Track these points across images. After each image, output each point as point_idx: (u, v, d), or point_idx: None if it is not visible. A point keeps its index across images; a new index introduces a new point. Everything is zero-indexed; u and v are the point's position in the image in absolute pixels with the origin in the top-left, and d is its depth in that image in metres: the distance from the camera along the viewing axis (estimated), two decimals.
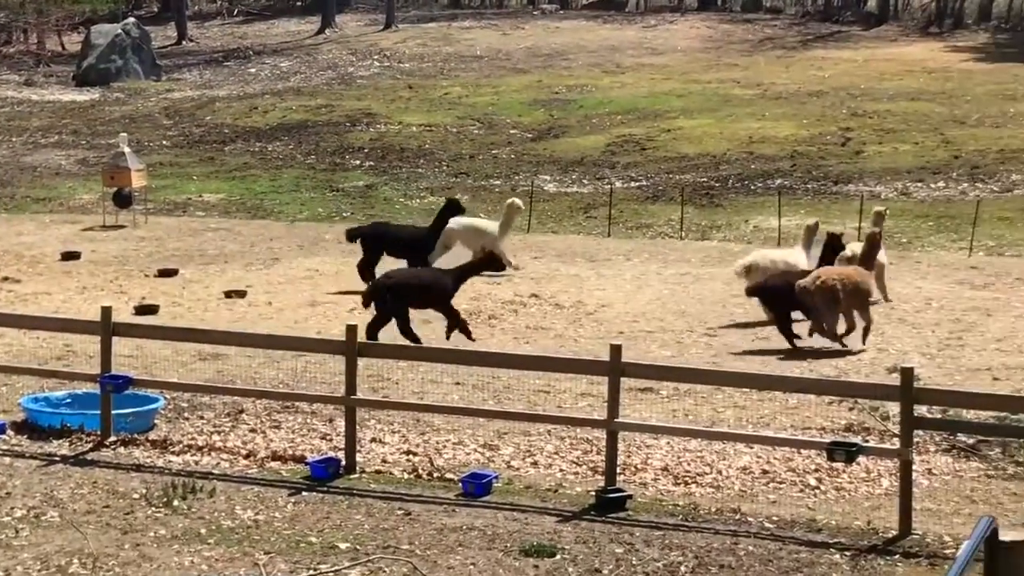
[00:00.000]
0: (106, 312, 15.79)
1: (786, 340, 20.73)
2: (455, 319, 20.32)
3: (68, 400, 16.54)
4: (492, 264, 21.17)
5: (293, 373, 18.09)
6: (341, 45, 64.27)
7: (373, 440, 15.69)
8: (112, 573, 11.75)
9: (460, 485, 14.08)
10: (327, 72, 58.61)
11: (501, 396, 17.30)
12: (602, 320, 22.86)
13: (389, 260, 24.76)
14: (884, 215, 25.32)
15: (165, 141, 46.56)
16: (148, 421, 16.12)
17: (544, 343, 21.07)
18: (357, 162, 42.35)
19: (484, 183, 39.04)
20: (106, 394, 15.53)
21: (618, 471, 14.16)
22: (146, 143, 45.41)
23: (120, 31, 59.08)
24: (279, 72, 59.38)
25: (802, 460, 14.96)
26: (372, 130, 46.71)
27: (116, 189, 33.15)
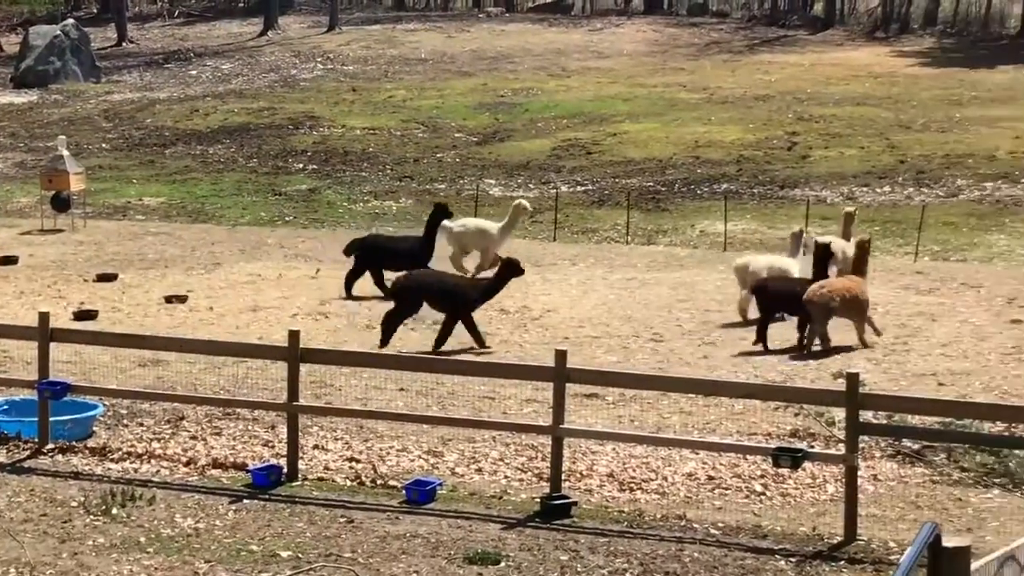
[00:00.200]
0: (44, 317, 15.68)
1: (761, 339, 20.98)
2: (449, 329, 20.73)
3: (5, 407, 16.41)
4: (514, 271, 21.46)
5: (234, 379, 18.03)
6: (284, 47, 64.09)
7: (315, 447, 15.66)
8: None
9: (404, 492, 14.07)
10: (269, 74, 58.43)
11: (445, 402, 17.29)
12: (547, 325, 22.89)
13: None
14: (855, 216, 25.60)
15: (104, 144, 46.28)
16: (87, 428, 16.02)
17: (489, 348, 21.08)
18: (300, 165, 42.23)
19: (429, 187, 39.02)
20: (44, 401, 15.44)
21: (563, 477, 14.19)
22: (85, 146, 45.13)
23: (59, 32, 58.68)
24: (221, 74, 59.15)
25: (748, 466, 15.03)
26: (315, 133, 46.60)
27: (54, 192, 32.91)
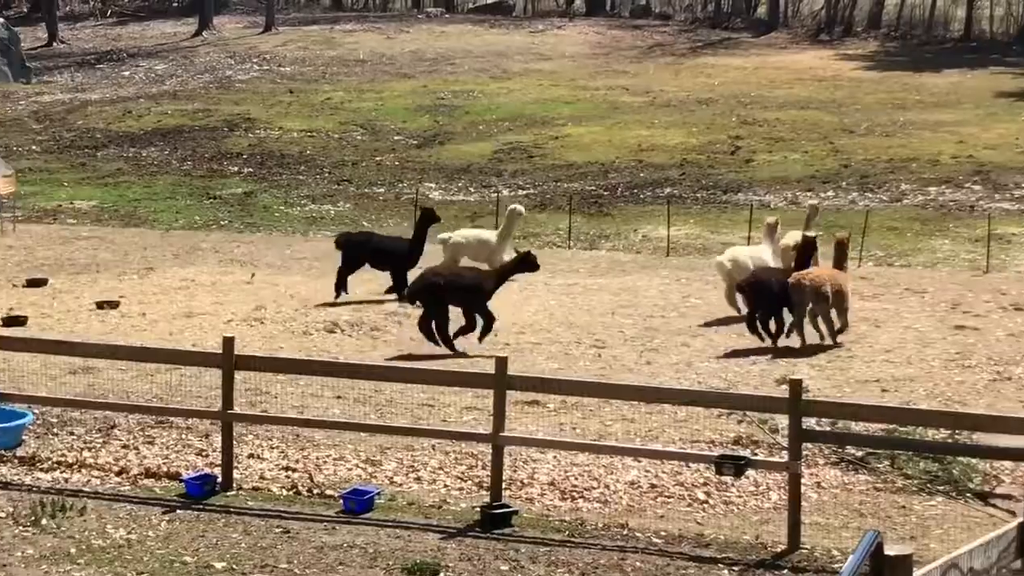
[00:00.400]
0: None
1: (759, 336, 21.55)
2: (487, 323, 21.33)
3: None
4: (528, 265, 22.07)
5: (167, 387, 17.93)
6: (219, 48, 63.83)
7: (251, 456, 15.59)
8: None
9: (341, 502, 14.03)
10: (204, 76, 58.17)
11: (384, 410, 17.26)
12: None
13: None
14: (819, 209, 26.19)
15: (35, 146, 45.93)
16: (16, 437, 15.88)
17: (428, 355, 21.05)
18: (235, 168, 42.07)
19: (367, 191, 38.96)
20: None
21: (504, 486, 14.18)
22: (14, 148, 44.78)
23: None
24: (154, 75, 58.84)
25: (691, 474, 15.08)
26: (251, 136, 46.43)
27: None
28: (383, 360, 20.06)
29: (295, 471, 15.12)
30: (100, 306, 24.21)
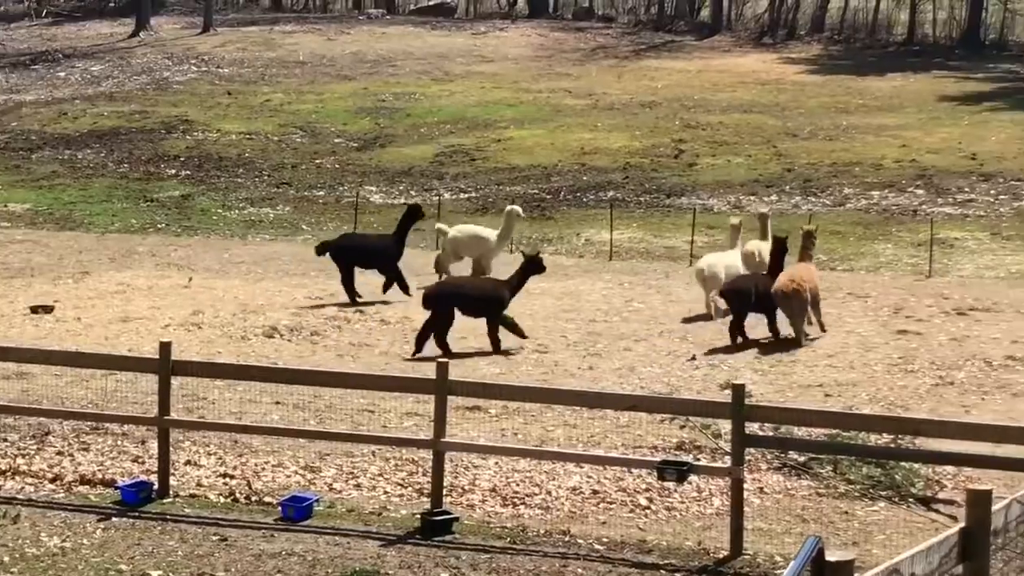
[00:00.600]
0: None
1: (732, 338, 22.16)
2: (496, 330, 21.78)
3: None
4: (536, 267, 22.44)
5: (103, 392, 17.83)
6: (156, 49, 63.49)
7: (188, 463, 15.53)
8: None
9: (279, 509, 13.99)
10: (141, 77, 57.85)
11: (323, 416, 17.23)
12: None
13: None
14: (768, 216, 27.22)
15: None
16: None
17: (369, 360, 21.04)
18: (173, 171, 41.87)
19: (307, 193, 38.86)
20: None
21: (445, 493, 14.18)
22: None
23: None
24: (90, 76, 58.46)
25: (633, 480, 15.12)
26: (189, 138, 46.21)
27: None
28: (326, 365, 20.02)
29: (233, 478, 15.07)
30: (34, 311, 24.05)
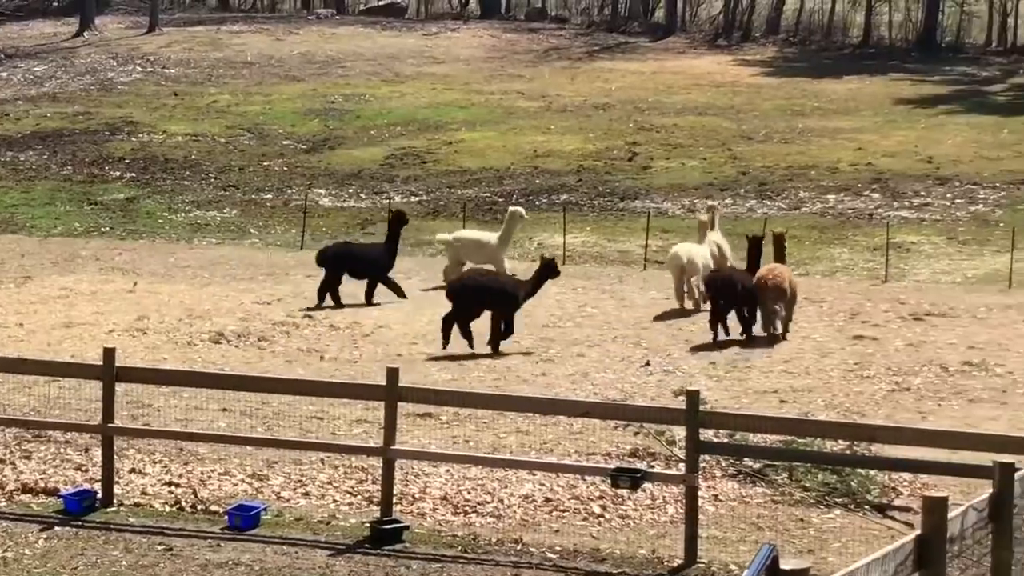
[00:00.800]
0: None
1: (713, 330, 22.80)
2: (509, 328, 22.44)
3: None
4: (551, 272, 23.09)
5: (46, 399, 17.72)
6: (101, 49, 63.17)
7: (132, 471, 15.46)
8: None
9: (226, 518, 13.94)
10: (85, 77, 57.56)
11: (271, 423, 17.18)
12: (379, 342, 22.85)
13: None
14: (717, 208, 28.47)
15: None
16: None
17: (318, 366, 20.98)
18: (117, 173, 41.66)
19: (255, 197, 38.73)
20: None
21: (395, 501, 14.17)
22: None
23: None
24: (33, 77, 58.10)
25: (586, 487, 15.13)
26: (134, 139, 46.00)
27: None
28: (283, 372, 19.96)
29: (178, 486, 15.01)
30: None
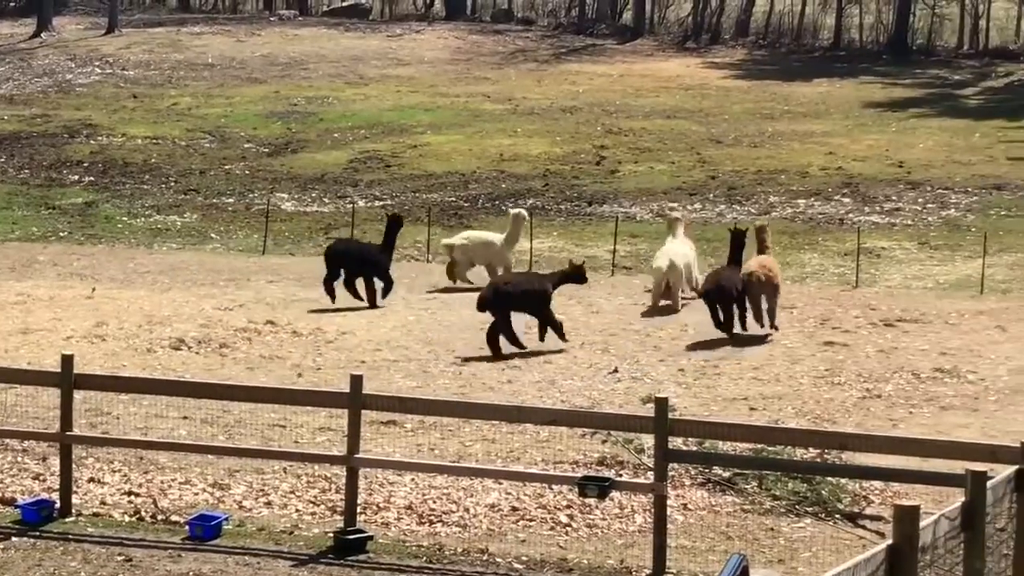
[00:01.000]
0: None
1: (727, 332, 23.45)
2: (554, 324, 22.94)
3: None
4: (579, 277, 23.75)
5: (2, 407, 17.60)
6: (59, 50, 62.97)
7: (91, 480, 15.39)
8: None
9: (187, 528, 13.89)
10: (43, 79, 57.36)
11: (232, 431, 17.12)
12: (343, 348, 22.81)
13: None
14: (680, 218, 28.69)
15: None
16: None
17: (280, 373, 20.93)
18: (76, 177, 41.52)
19: (216, 201, 38.64)
20: None
21: (359, 511, 14.13)
22: None
23: None
24: None
25: (553, 496, 15.13)
26: (93, 142, 45.85)
27: None
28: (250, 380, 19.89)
29: (138, 496, 14.95)
30: None
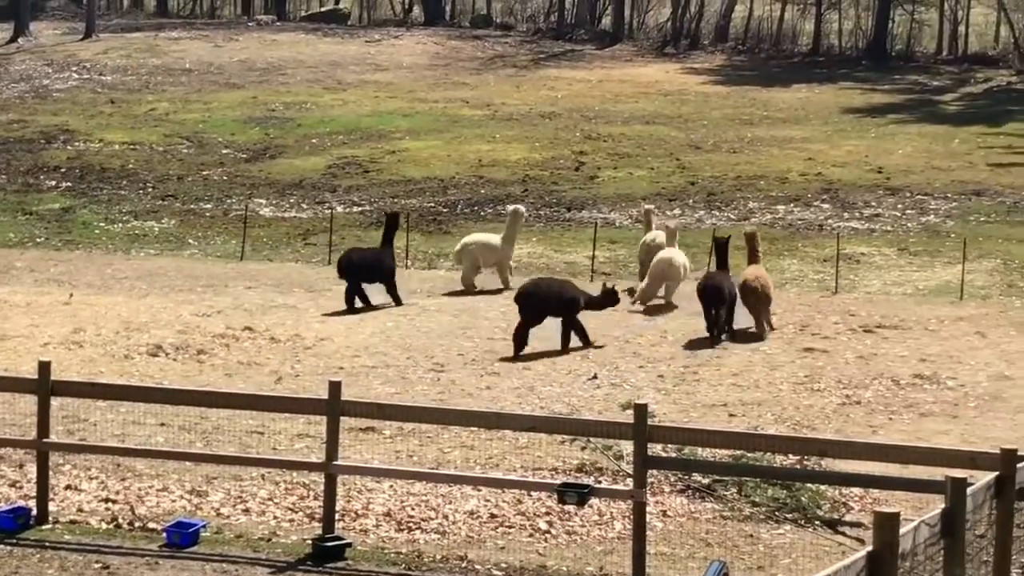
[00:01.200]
0: None
1: (717, 333, 23.97)
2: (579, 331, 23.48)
3: None
4: (611, 302, 24.28)
5: None
6: (36, 55, 62.86)
7: (68, 487, 15.36)
8: None
9: (164, 535, 13.88)
10: (20, 84, 57.24)
11: (210, 438, 17.10)
12: (321, 355, 22.80)
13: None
14: (654, 212, 29.69)
15: None
16: None
17: (258, 380, 20.92)
18: (53, 183, 41.44)
19: (194, 207, 38.59)
20: None
21: (337, 518, 14.13)
22: None
23: None
24: None
25: (532, 503, 15.14)
26: (70, 148, 45.76)
27: None
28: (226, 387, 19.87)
29: (116, 503, 14.92)
30: None
